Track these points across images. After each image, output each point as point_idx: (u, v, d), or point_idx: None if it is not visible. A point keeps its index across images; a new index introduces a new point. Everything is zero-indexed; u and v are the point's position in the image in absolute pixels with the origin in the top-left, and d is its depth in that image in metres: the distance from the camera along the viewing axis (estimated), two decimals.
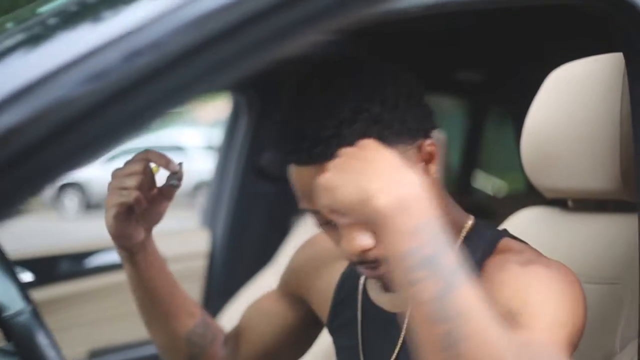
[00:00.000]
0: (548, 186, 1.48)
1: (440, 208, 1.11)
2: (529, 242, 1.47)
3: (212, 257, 2.50)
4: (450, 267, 0.88)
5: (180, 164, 1.24)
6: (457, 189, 3.18)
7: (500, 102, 3.18)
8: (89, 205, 13.18)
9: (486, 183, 3.77)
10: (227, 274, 2.44)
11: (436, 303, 0.86)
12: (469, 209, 2.07)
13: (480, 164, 3.30)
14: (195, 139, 14.14)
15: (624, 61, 1.23)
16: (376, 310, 1.23)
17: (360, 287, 1.28)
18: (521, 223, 1.58)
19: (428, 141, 1.09)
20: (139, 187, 1.20)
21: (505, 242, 1.17)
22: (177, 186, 1.25)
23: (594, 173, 1.38)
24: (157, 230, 1.28)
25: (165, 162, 1.23)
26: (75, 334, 2.29)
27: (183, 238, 2.61)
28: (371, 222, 0.91)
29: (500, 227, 1.59)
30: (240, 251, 2.48)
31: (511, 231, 1.55)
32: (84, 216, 12.64)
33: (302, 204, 1.09)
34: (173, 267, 2.44)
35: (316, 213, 1.09)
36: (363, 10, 0.85)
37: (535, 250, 1.16)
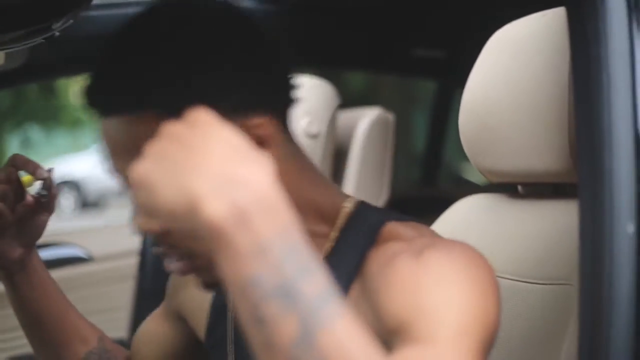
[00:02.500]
0: (490, 168, 1.25)
1: (298, 191, 0.91)
2: (468, 234, 1.27)
3: (144, 255, 2.31)
4: (314, 298, 0.63)
5: (49, 170, 1.10)
6: (422, 177, 2.98)
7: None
8: (85, 203, 13.13)
9: (454, 171, 3.61)
10: (159, 272, 2.26)
11: (294, 350, 0.62)
12: (433, 199, 1.88)
13: (447, 151, 3.13)
14: None
15: None
16: None
17: None
18: (461, 212, 1.35)
19: (256, 120, 0.85)
20: (1, 198, 1.07)
21: (390, 227, 0.93)
22: (45, 196, 1.11)
23: (540, 151, 1.16)
24: (83, 227, 1.10)
25: (33, 169, 1.09)
26: None
27: (113, 235, 2.44)
28: (202, 237, 0.66)
29: (441, 218, 1.38)
30: None
31: (449, 222, 1.35)
32: (80, 214, 12.55)
33: (109, 166, 0.90)
34: (103, 266, 2.36)
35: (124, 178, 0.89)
36: None
37: (431, 232, 0.94)
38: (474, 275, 0.83)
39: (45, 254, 2.26)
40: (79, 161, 12.91)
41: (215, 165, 0.65)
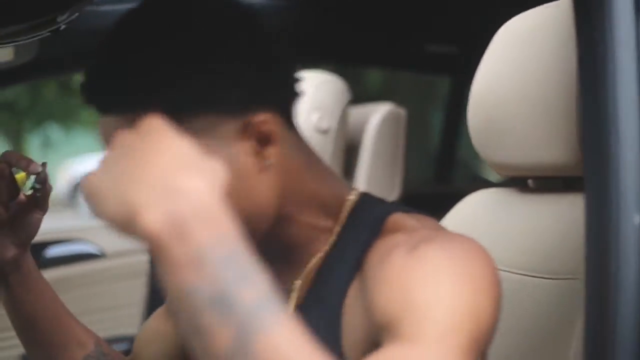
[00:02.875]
0: (499, 161, 1.24)
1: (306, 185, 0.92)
2: (476, 228, 1.26)
3: None
4: (250, 306, 0.62)
5: (43, 164, 1.08)
6: (435, 174, 2.94)
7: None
8: None
9: (467, 170, 3.57)
10: None
11: (230, 358, 0.62)
12: (446, 196, 1.86)
13: (464, 149, 3.09)
14: None
15: None
16: None
17: None
18: (470, 206, 1.34)
19: (261, 117, 0.85)
20: None
21: (395, 218, 0.92)
22: (39, 190, 1.09)
23: (549, 144, 1.14)
24: (96, 223, 1.09)
25: (26, 164, 1.06)
26: (5, 336, 2.07)
27: None
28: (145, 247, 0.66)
29: (450, 212, 1.37)
30: None
31: (456, 217, 1.34)
32: None
33: None
34: (115, 263, 2.36)
35: None
36: None
37: (435, 225, 0.92)
38: (471, 270, 0.80)
39: (57, 251, 2.27)
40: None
41: (156, 176, 0.65)
